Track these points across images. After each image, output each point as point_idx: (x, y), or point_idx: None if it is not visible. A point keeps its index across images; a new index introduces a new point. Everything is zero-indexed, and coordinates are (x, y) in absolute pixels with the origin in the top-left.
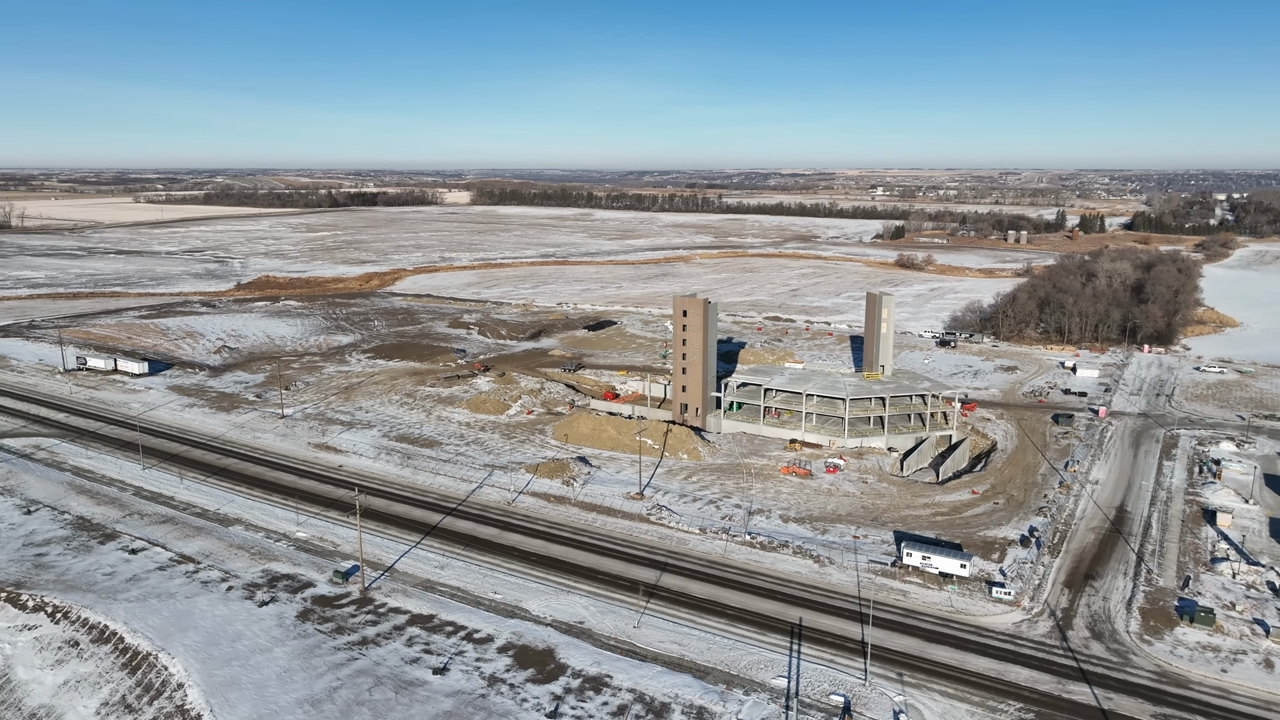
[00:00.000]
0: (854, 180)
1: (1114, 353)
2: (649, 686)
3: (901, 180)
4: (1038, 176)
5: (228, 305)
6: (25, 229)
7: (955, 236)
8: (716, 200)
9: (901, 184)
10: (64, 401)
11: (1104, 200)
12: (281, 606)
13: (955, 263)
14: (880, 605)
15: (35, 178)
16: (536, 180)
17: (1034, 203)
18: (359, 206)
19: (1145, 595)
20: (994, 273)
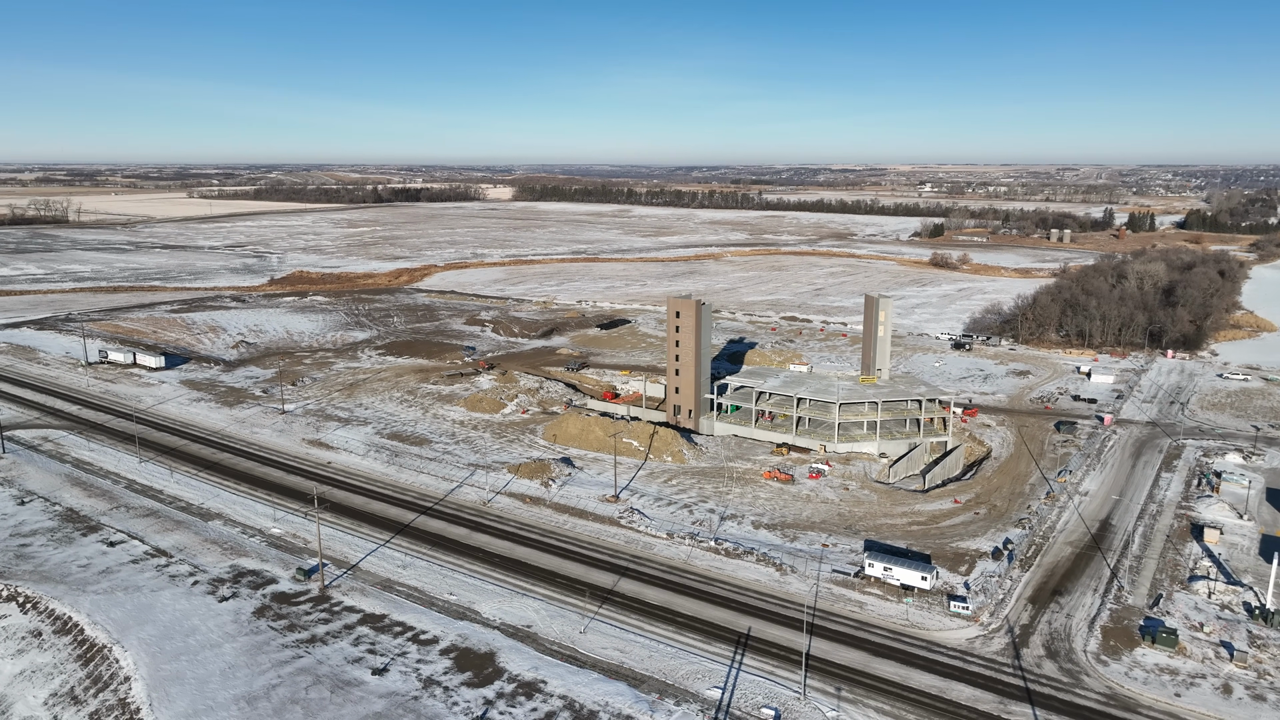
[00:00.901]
0: (905, 176)
1: (1135, 358)
2: (581, 694)
3: (954, 176)
4: (1097, 172)
5: (257, 300)
6: (81, 224)
7: (996, 235)
8: (756, 197)
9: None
10: (80, 394)
11: (1160, 197)
12: (240, 602)
13: (992, 262)
14: (834, 617)
15: (101, 173)
16: (584, 176)
17: (1085, 200)
18: (402, 202)
19: (1111, 613)
20: (1030, 273)
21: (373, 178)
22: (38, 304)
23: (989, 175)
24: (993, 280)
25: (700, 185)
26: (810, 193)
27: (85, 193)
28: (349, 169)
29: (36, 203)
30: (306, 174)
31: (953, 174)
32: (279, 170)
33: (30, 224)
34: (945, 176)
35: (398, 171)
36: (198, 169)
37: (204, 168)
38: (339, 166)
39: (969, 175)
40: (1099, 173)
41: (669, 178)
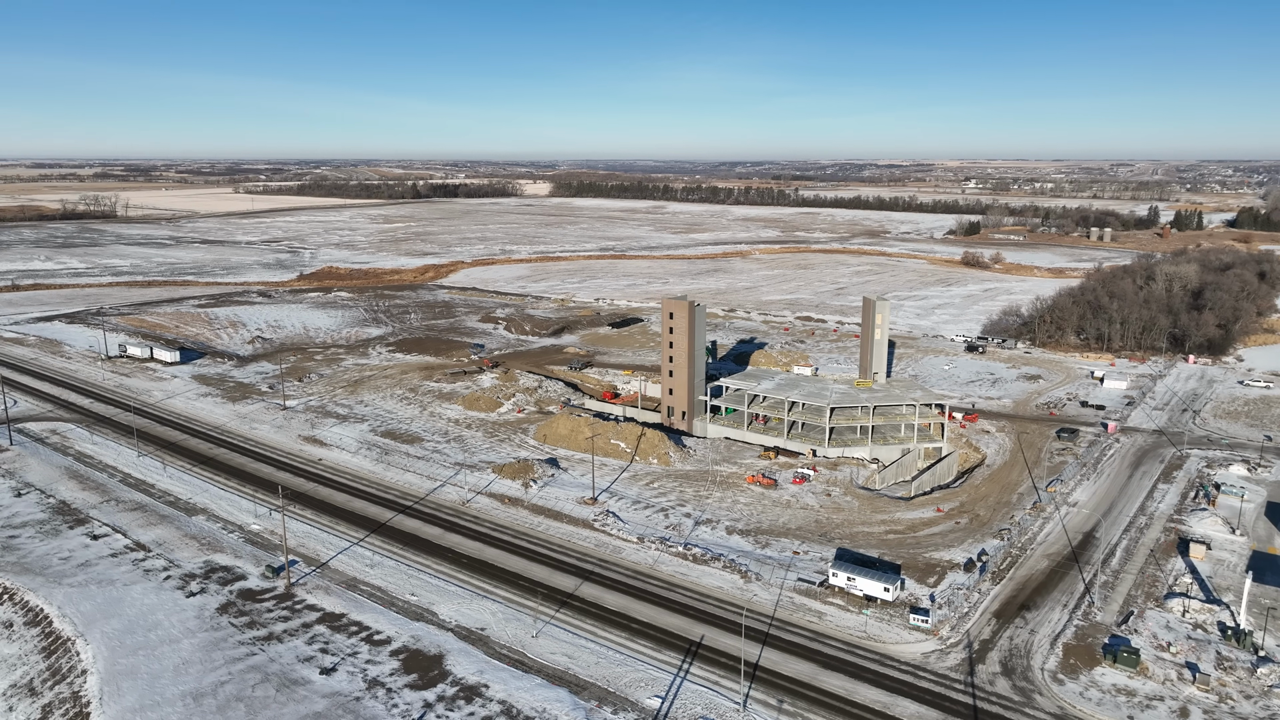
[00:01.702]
0: (952, 172)
1: (1154, 363)
2: (521, 699)
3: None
4: (1152, 168)
5: (282, 296)
6: (128, 218)
7: (1034, 233)
8: (792, 193)
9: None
10: (93, 387)
11: (1215, 194)
12: (207, 598)
13: (1026, 261)
14: (791, 626)
15: (156, 169)
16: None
17: (1135, 197)
18: (440, 198)
19: (1076, 630)
20: (1064, 273)
21: (416, 173)
22: (74, 297)
23: (1039, 171)
24: (1022, 280)
25: (739, 181)
26: (851, 189)
27: (138, 188)
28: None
29: (87, 198)
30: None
31: (1002, 169)
32: (327, 165)
33: (80, 219)
34: (994, 172)
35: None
36: (249, 164)
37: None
38: (386, 162)
39: (1018, 171)
40: (1155, 168)
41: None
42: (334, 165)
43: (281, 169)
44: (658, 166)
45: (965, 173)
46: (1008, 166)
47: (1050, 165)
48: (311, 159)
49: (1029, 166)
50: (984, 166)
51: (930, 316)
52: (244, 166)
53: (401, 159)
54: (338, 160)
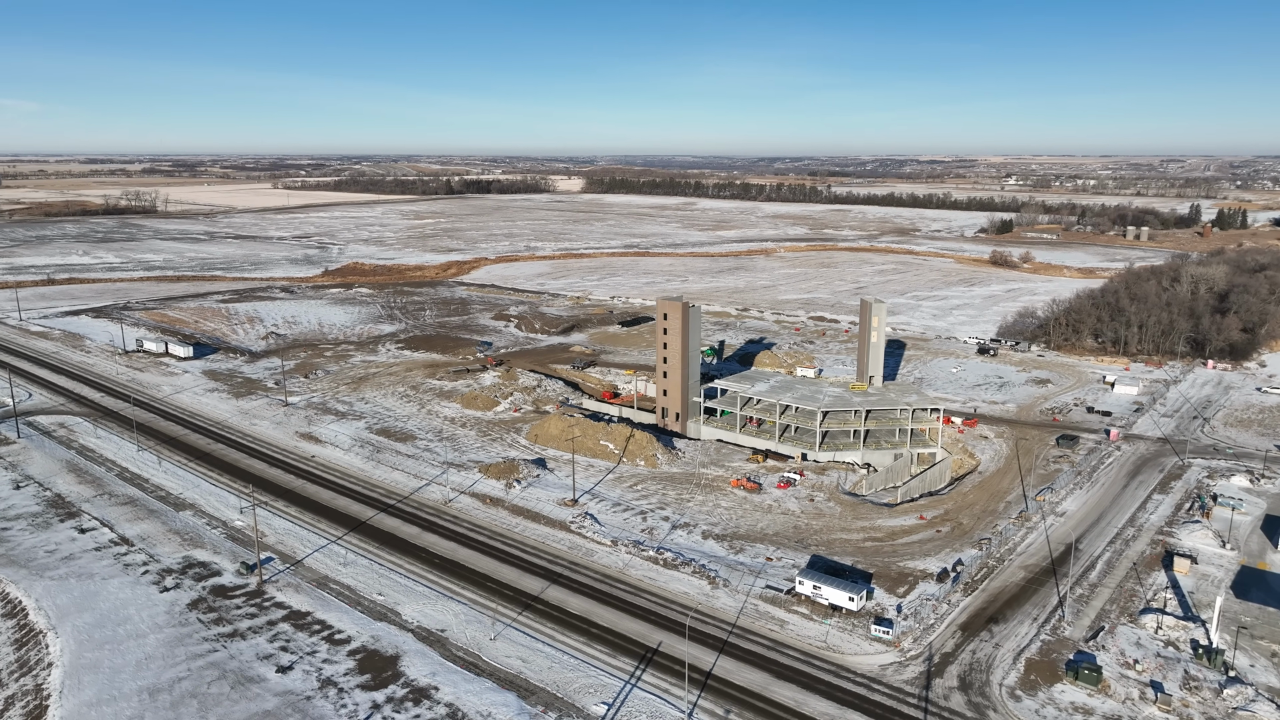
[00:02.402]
0: (995, 168)
1: (1171, 367)
2: (468, 703)
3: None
4: (1205, 164)
5: (304, 291)
6: (168, 214)
7: (1069, 232)
8: (825, 190)
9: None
10: (107, 381)
11: (1266, 191)
12: (179, 594)
13: (1056, 261)
14: (751, 635)
15: (203, 164)
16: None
17: (1181, 194)
18: (473, 194)
19: (1042, 645)
20: (1094, 272)
21: (453, 169)
22: (104, 292)
23: (1085, 167)
24: (1049, 281)
25: (774, 178)
26: (888, 185)
27: (181, 183)
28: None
29: (128, 194)
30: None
31: (1046, 166)
32: (368, 161)
33: (121, 214)
34: (1038, 168)
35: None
36: (293, 159)
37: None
38: (426, 157)
39: (1063, 167)
40: (1207, 164)
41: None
42: (375, 161)
43: (324, 164)
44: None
45: (1008, 169)
46: (1052, 163)
47: (1097, 161)
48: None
49: (1075, 163)
50: (1028, 163)
51: (947, 317)
52: (287, 162)
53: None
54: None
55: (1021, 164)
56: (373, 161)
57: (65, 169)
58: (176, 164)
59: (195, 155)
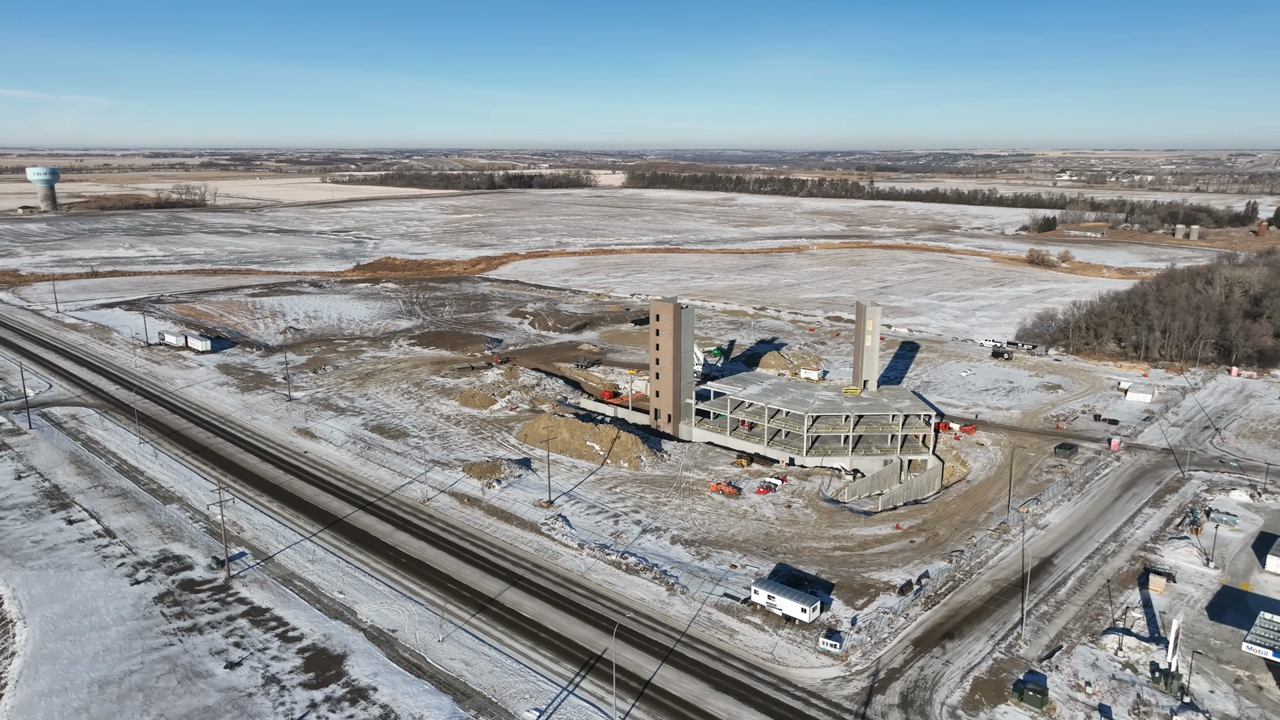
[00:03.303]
0: (1052, 163)
1: (1193, 374)
2: (402, 705)
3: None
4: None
5: (332, 286)
6: (216, 207)
7: (1115, 230)
8: (867, 186)
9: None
10: (124, 374)
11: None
12: (149, 587)
13: (1096, 260)
14: (699, 644)
15: (260, 157)
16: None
17: (1243, 191)
18: (514, 189)
19: (994, 664)
20: (1135, 273)
21: (501, 163)
22: (142, 285)
23: (1147, 162)
24: (1084, 281)
25: (822, 172)
26: (936, 181)
27: (235, 177)
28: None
29: (179, 187)
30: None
31: (1106, 160)
32: (419, 155)
33: (172, 207)
34: (1097, 163)
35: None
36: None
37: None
38: (476, 151)
39: (1124, 162)
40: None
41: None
42: (426, 155)
43: (376, 158)
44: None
45: (1065, 164)
46: (1113, 157)
47: (1161, 156)
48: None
49: (1137, 157)
50: (1087, 157)
51: (969, 319)
52: (341, 156)
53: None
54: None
55: (1080, 159)
56: (424, 156)
57: (129, 163)
58: (234, 158)
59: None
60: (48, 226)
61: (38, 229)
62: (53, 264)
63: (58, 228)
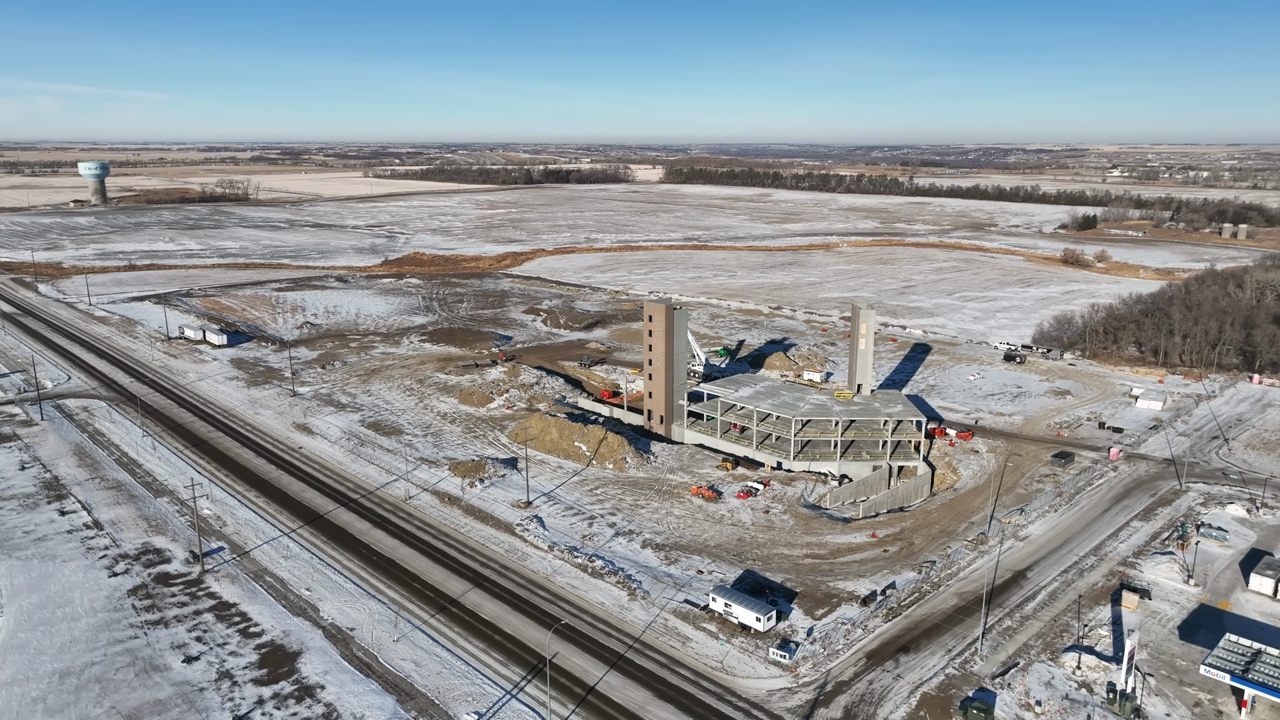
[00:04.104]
0: (1107, 158)
1: (1212, 380)
2: (346, 704)
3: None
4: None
5: (357, 281)
6: (258, 201)
7: (1159, 229)
8: (907, 182)
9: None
10: (140, 367)
11: None
12: (125, 579)
13: (1134, 260)
14: (650, 651)
15: (309, 151)
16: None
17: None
18: (551, 184)
19: (946, 679)
20: (1173, 273)
21: (543, 158)
22: (174, 278)
23: (1207, 157)
24: (1116, 282)
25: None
26: (982, 177)
27: (280, 171)
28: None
29: (223, 182)
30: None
31: (1164, 155)
32: (465, 149)
33: (216, 201)
34: (1154, 158)
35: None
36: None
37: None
38: (522, 146)
39: (1183, 157)
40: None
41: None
42: (472, 149)
43: (422, 152)
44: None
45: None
46: (1171, 152)
47: (1223, 150)
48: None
49: (1196, 152)
50: (1144, 152)
51: (989, 320)
52: (389, 150)
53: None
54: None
55: (1137, 153)
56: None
57: (184, 157)
58: (284, 152)
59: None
60: (95, 220)
61: (85, 222)
62: (95, 257)
63: (105, 221)
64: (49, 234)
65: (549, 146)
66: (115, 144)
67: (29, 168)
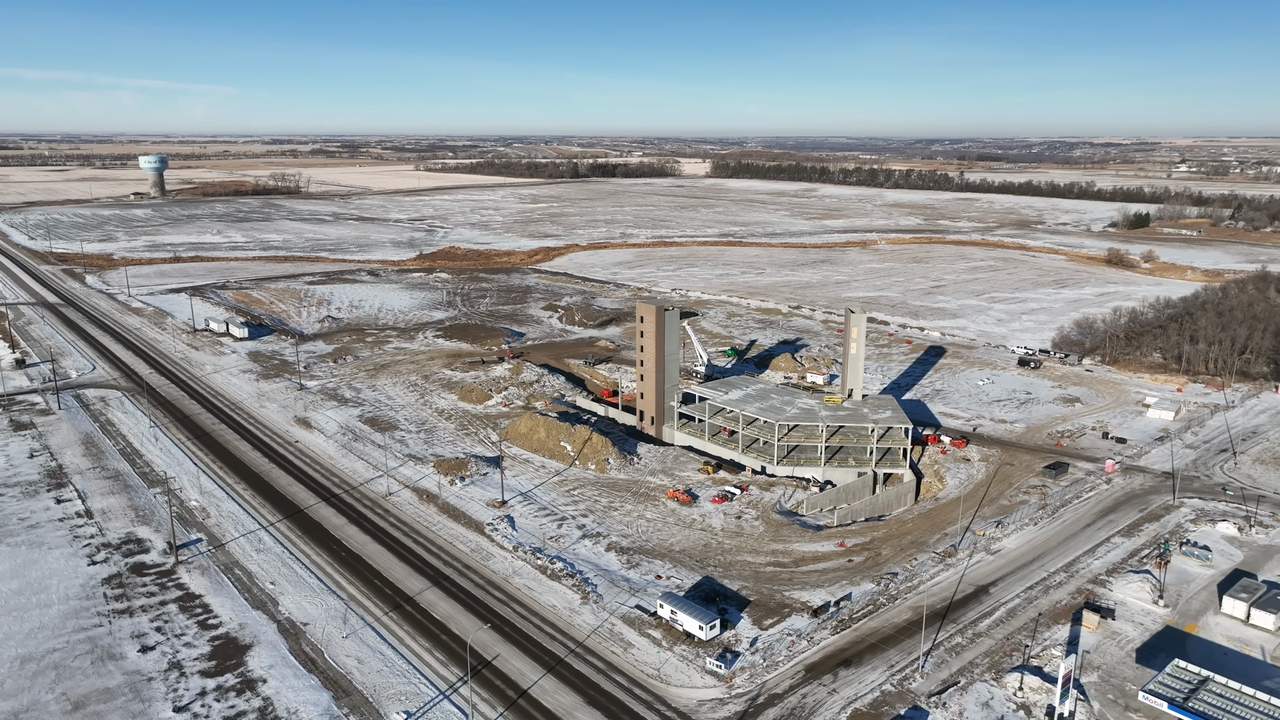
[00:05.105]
0: (1179, 151)
1: (1234, 390)
2: (283, 699)
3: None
4: None
5: (388, 275)
6: (310, 194)
7: (1217, 228)
8: (958, 177)
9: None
10: (161, 358)
11: None
12: (102, 568)
13: (1184, 260)
14: (590, 655)
15: (368, 144)
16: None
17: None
18: (596, 178)
19: (881, 696)
20: (1222, 275)
21: (597, 150)
22: (214, 270)
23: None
24: (1159, 284)
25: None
26: (1039, 172)
27: (336, 164)
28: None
29: (276, 175)
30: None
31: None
32: (520, 142)
33: (268, 194)
34: (1230, 152)
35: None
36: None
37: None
38: (577, 139)
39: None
40: None
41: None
42: (527, 142)
43: (478, 145)
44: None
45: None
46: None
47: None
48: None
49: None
50: (1220, 146)
51: (1014, 323)
52: (446, 143)
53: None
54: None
55: (1211, 148)
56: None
57: (248, 149)
58: (344, 144)
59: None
60: (151, 212)
61: (142, 214)
62: (144, 249)
63: (160, 214)
64: (106, 226)
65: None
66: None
67: (100, 160)
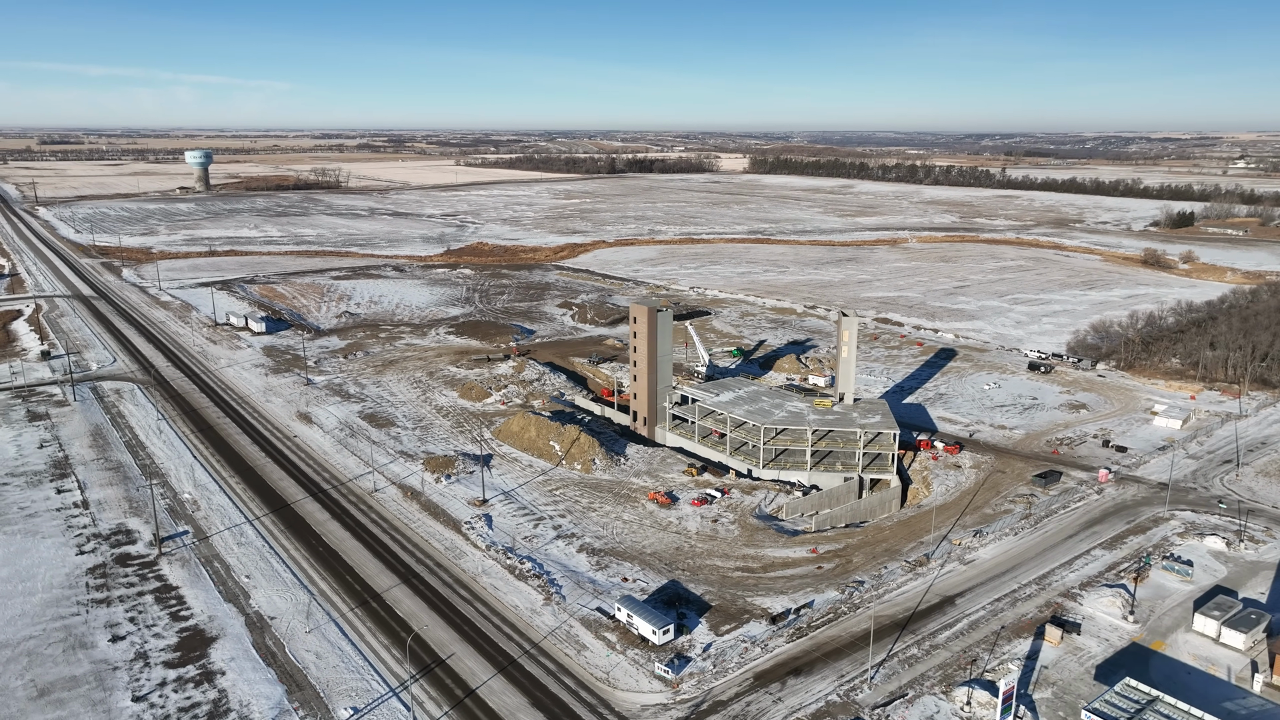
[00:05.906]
0: (1240, 146)
1: (1250, 399)
2: (238, 692)
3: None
4: None
5: (412, 270)
6: (349, 189)
7: (1265, 227)
8: (999, 174)
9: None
10: (179, 351)
11: None
12: (88, 558)
13: (1225, 262)
14: (544, 656)
15: (415, 138)
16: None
17: None
18: (633, 174)
19: (825, 706)
20: (1264, 277)
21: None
22: (246, 265)
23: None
24: (1193, 286)
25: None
26: (1089, 168)
27: (378, 159)
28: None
29: (316, 169)
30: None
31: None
32: (564, 137)
33: (308, 189)
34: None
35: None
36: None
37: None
38: (620, 133)
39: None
40: None
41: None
42: (570, 137)
43: (521, 139)
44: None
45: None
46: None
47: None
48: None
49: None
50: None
51: (1033, 325)
52: (490, 138)
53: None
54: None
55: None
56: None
57: (297, 144)
58: (390, 139)
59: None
60: (194, 206)
61: (185, 209)
62: (183, 243)
63: (202, 208)
64: (150, 220)
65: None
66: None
67: (154, 155)
